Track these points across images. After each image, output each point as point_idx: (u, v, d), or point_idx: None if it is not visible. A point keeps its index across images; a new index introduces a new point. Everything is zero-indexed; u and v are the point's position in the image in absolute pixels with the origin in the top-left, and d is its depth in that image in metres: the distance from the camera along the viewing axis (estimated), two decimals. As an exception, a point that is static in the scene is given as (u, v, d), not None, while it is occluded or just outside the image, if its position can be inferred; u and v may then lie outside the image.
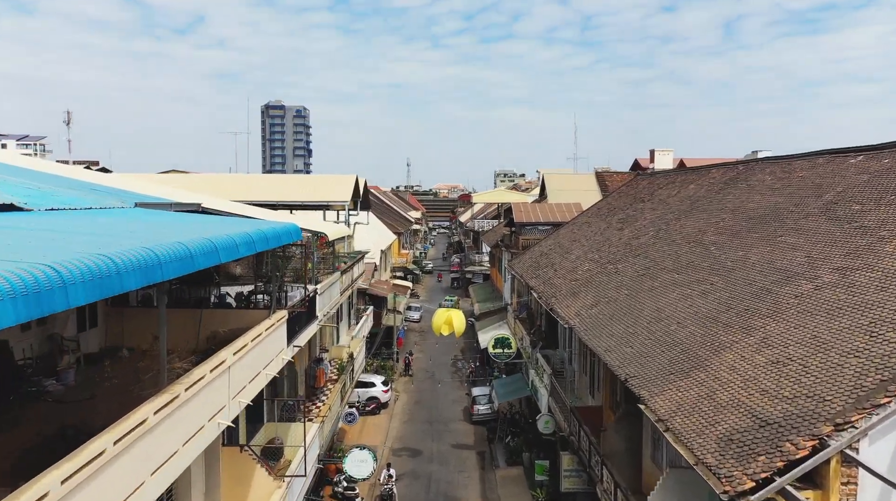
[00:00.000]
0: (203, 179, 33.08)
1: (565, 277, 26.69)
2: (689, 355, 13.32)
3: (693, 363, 12.89)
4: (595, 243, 29.07)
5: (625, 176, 59.10)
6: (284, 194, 30.87)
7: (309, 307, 18.27)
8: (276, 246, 12.99)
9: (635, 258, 22.89)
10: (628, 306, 18.60)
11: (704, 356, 12.91)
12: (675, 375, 12.88)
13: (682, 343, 14.07)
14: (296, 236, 14.35)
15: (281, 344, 14.85)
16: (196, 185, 31.84)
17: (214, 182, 32.20)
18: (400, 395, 39.96)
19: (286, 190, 31.32)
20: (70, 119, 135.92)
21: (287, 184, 32.03)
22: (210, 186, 31.73)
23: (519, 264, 36.42)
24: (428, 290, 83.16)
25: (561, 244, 33.95)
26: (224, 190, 31.26)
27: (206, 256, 8.57)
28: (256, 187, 31.54)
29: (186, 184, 31.73)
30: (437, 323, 26.92)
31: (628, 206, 32.35)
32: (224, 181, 32.39)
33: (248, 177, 33.04)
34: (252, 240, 10.81)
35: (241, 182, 32.32)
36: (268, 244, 12.06)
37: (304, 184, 32.18)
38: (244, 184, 32.01)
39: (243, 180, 32.68)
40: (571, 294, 23.43)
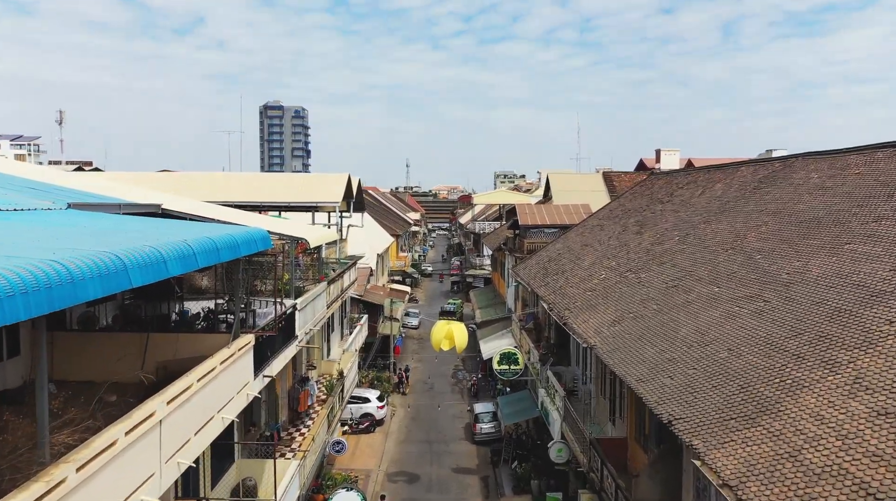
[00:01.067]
0: (187, 178, 30.42)
1: (579, 286, 24.01)
2: (752, 393, 10.64)
3: (759, 406, 10.20)
4: (610, 249, 26.39)
5: (633, 176, 56.47)
6: (271, 195, 28.17)
7: (286, 326, 15.60)
8: (233, 257, 10.30)
9: (661, 267, 20.21)
10: (659, 325, 15.92)
11: (774, 396, 10.23)
12: (736, 420, 10.19)
13: (739, 376, 11.38)
14: (262, 243, 11.66)
15: (245, 376, 12.16)
16: (178, 184, 29.17)
17: (198, 182, 29.52)
18: (396, 410, 37.23)
19: (273, 190, 28.62)
20: (62, 119, 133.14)
21: (274, 184, 29.35)
22: (193, 185, 29.05)
23: (525, 271, 33.75)
24: (427, 294, 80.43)
25: (571, 249, 31.27)
26: (206, 190, 28.58)
27: (97, 280, 5.87)
28: (241, 187, 28.86)
29: (169, 183, 29.08)
30: (437, 338, 24.25)
31: (645, 207, 29.68)
32: (208, 181, 29.71)
33: (234, 176, 30.39)
34: (188, 253, 8.12)
35: (226, 181, 29.65)
36: (218, 256, 9.36)
37: (292, 184, 29.50)
38: (229, 183, 29.33)
39: (228, 179, 30.02)
40: (588, 307, 20.75)
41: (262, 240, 11.51)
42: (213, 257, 9.22)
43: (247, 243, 10.66)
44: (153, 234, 9.16)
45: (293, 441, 20.38)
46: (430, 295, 79.25)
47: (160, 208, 15.86)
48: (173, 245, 7.90)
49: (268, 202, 28.15)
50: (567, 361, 26.27)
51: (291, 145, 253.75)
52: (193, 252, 8.36)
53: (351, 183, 31.21)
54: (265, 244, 11.72)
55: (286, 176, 30.09)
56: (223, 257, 9.50)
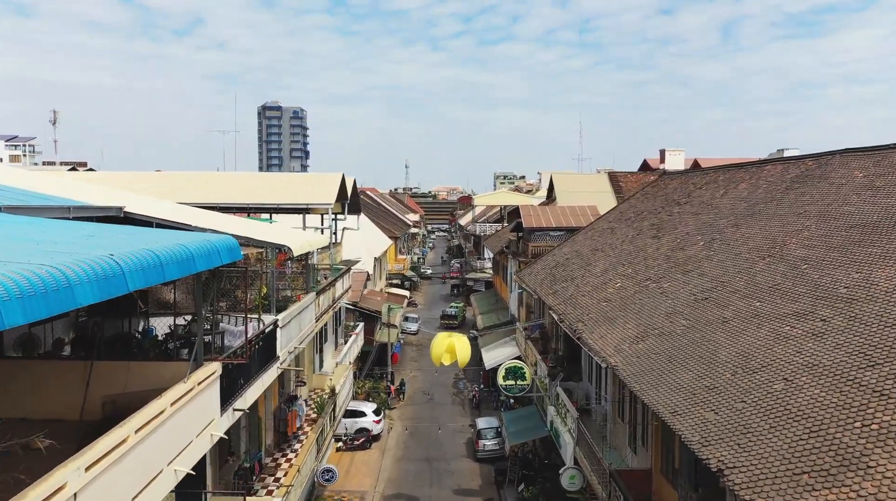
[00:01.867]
0: (173, 179, 28.45)
1: (592, 295, 22.03)
2: (827, 440, 8.65)
3: (841, 458, 8.22)
4: (625, 254, 24.41)
5: (640, 177, 54.55)
6: (259, 196, 26.22)
7: (266, 346, 13.61)
8: (185, 274, 8.32)
9: (685, 276, 18.23)
10: (692, 344, 13.93)
11: (858, 446, 8.25)
12: (811, 475, 8.21)
13: (805, 416, 9.39)
14: (228, 255, 9.68)
15: (208, 414, 10.17)
16: (163, 184, 27.23)
17: (184, 182, 27.57)
18: (394, 424, 35.23)
19: (262, 191, 26.66)
20: (56, 119, 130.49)
21: (264, 184, 27.39)
22: (178, 186, 27.09)
23: (530, 276, 31.77)
24: (427, 298, 78.43)
25: (580, 254, 29.29)
26: (192, 190, 26.63)
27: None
28: (229, 188, 26.90)
29: (154, 184, 27.15)
30: (437, 352, 22.26)
31: (660, 209, 27.70)
32: (194, 181, 27.76)
33: (222, 176, 28.43)
34: (111, 273, 6.13)
35: (213, 182, 27.67)
36: (163, 274, 7.38)
37: (283, 184, 27.53)
38: (216, 184, 27.36)
39: (215, 180, 28.05)
40: (605, 320, 18.76)
41: (227, 251, 9.52)
42: (155, 276, 7.24)
43: (206, 256, 8.68)
44: (73, 244, 7.18)
45: (278, 468, 18.37)
46: (430, 299, 77.28)
47: (122, 211, 13.88)
48: (88, 262, 5.91)
49: (256, 204, 26.20)
50: (578, 376, 24.28)
51: (290, 146, 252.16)
52: (121, 271, 6.37)
53: (345, 183, 29.24)
54: (231, 256, 9.73)
55: (276, 176, 28.12)
56: (170, 274, 7.51)
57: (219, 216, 16.26)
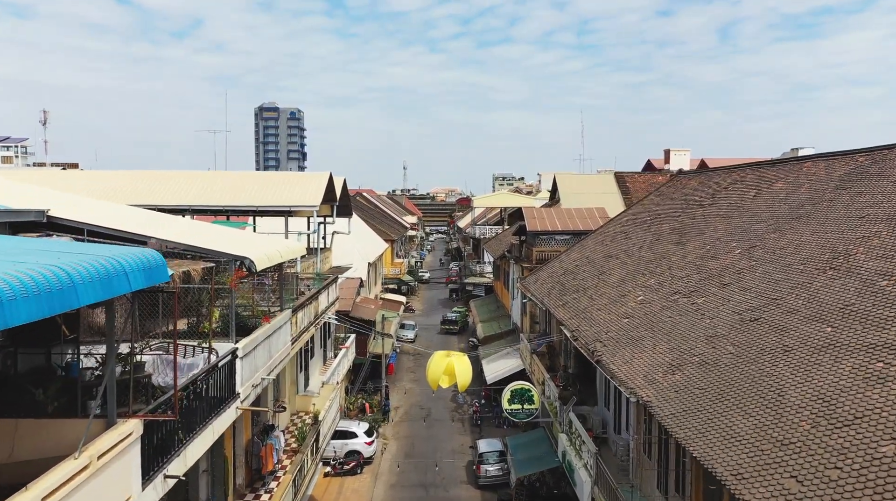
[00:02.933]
0: (144, 178, 25.81)
1: (609, 310, 19.43)
2: None
3: None
4: (644, 262, 21.82)
5: (648, 177, 52.03)
6: (237, 197, 23.62)
7: (221, 382, 10.97)
8: (70, 307, 5.71)
9: (724, 290, 15.62)
10: (746, 380, 11.33)
11: None
12: None
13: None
14: (146, 277, 7.06)
15: (121, 492, 7.54)
16: (132, 184, 24.63)
17: (156, 181, 24.98)
18: (388, 444, 32.59)
19: (240, 191, 24.05)
20: (46, 119, 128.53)
21: (242, 184, 24.76)
22: (148, 185, 24.51)
23: (536, 285, 29.19)
24: (425, 303, 75.73)
25: (591, 261, 26.70)
26: (162, 191, 24.05)
27: None
28: (204, 188, 24.29)
29: (125, 183, 24.58)
30: (434, 373, 19.62)
31: (680, 211, 25.13)
32: (167, 181, 25.15)
33: (199, 175, 25.77)
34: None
35: (188, 182, 25.04)
36: (3, 319, 4.75)
37: (263, 184, 24.91)
38: (191, 184, 24.73)
39: (191, 179, 25.41)
40: (629, 341, 16.14)
41: (141, 272, 6.91)
42: (29, 310, 4.63)
43: (99, 283, 6.06)
44: None
45: (249, 513, 15.76)
46: (428, 304, 74.59)
47: (44, 215, 11.27)
48: None
49: (233, 206, 23.60)
50: (593, 398, 21.69)
51: (287, 147, 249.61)
52: None
53: (333, 184, 26.64)
54: (149, 278, 7.12)
55: (258, 175, 25.55)
56: (16, 315, 4.89)
57: (171, 221, 13.64)
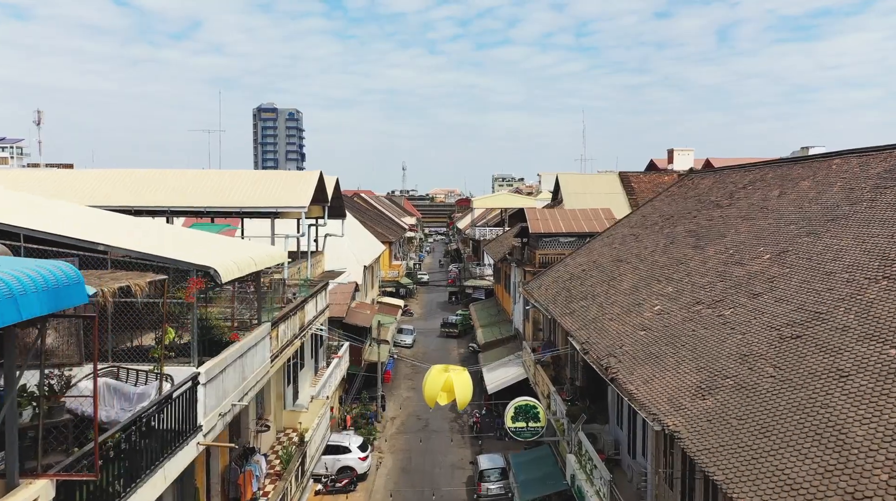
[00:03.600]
0: (119, 177, 24.11)
1: (623, 320, 17.75)
2: None
3: None
4: (659, 268, 20.15)
5: (653, 177, 50.40)
6: (217, 198, 21.96)
7: (177, 413, 9.29)
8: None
9: (754, 300, 13.95)
10: (795, 410, 9.65)
11: None
12: None
13: None
14: (52, 300, 5.34)
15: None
16: (106, 184, 22.98)
17: (132, 181, 23.31)
18: (384, 458, 30.91)
19: (223, 192, 22.39)
20: (40, 120, 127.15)
21: (227, 183, 23.10)
22: (122, 185, 22.86)
23: (539, 290, 27.52)
24: (424, 306, 74.07)
25: (599, 265, 25.03)
26: (138, 191, 22.41)
27: None
28: (184, 188, 22.64)
29: (100, 182, 22.93)
30: (431, 390, 17.91)
31: (694, 212, 23.48)
32: (145, 180, 23.48)
33: (180, 174, 24.10)
34: None
35: (167, 181, 23.37)
36: None
37: (249, 183, 23.24)
38: (172, 183, 23.08)
39: (170, 178, 23.74)
40: (647, 358, 14.46)
41: (46, 294, 5.23)
42: None
43: None
44: None
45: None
46: (427, 308, 72.92)
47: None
48: None
49: (215, 207, 21.93)
50: (603, 415, 20.01)
51: (285, 148, 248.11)
52: None
53: (324, 184, 24.98)
54: (57, 301, 5.44)
55: (243, 174, 23.89)
56: None
57: (132, 225, 11.95)
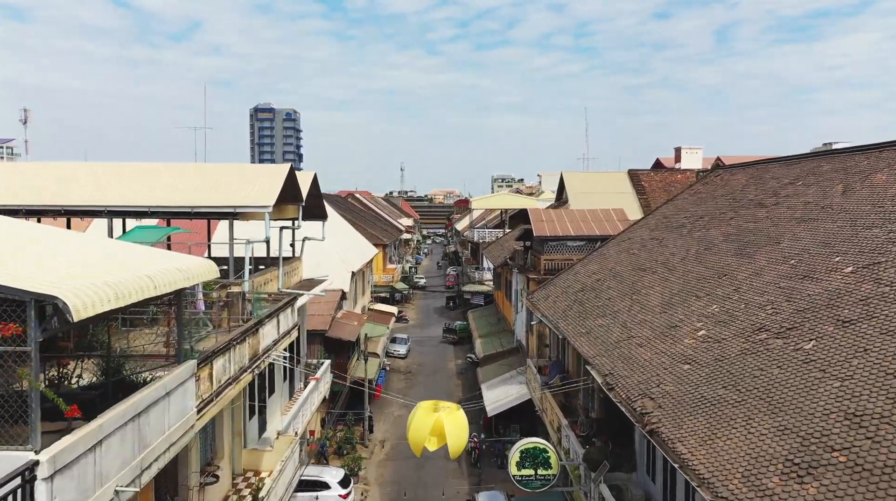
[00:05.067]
0: (56, 171, 20.46)
1: (657, 347, 14.17)
2: None
3: None
4: (696, 280, 16.57)
5: (665, 176, 46.90)
6: (167, 196, 18.39)
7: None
8: None
9: (846, 329, 10.37)
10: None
11: None
12: None
13: None
14: None
15: None
16: (45, 178, 19.38)
17: (71, 176, 19.72)
18: (370, 490, 27.32)
19: (173, 189, 18.83)
20: (27, 118, 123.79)
21: (177, 179, 19.53)
22: (63, 180, 19.26)
23: (547, 302, 23.95)
24: (420, 311, 70.43)
25: (617, 274, 21.47)
26: (76, 188, 18.82)
27: None
28: (127, 185, 19.07)
29: (28, 178, 19.35)
30: (417, 433, 14.24)
31: (730, 213, 19.94)
32: (84, 175, 19.87)
33: (123, 169, 20.48)
34: None
35: (107, 177, 19.74)
36: None
37: (204, 179, 19.67)
38: (111, 178, 19.48)
39: (111, 174, 20.09)
40: (701, 405, 10.86)
41: None
42: None
43: None
44: None
45: None
46: (423, 314, 69.28)
47: None
48: None
49: (159, 206, 18.34)
50: (629, 461, 16.40)
51: (283, 149, 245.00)
52: None
53: (296, 180, 21.42)
54: None
55: (198, 168, 20.41)
56: None
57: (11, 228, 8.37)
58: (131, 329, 14.30)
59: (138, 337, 14.08)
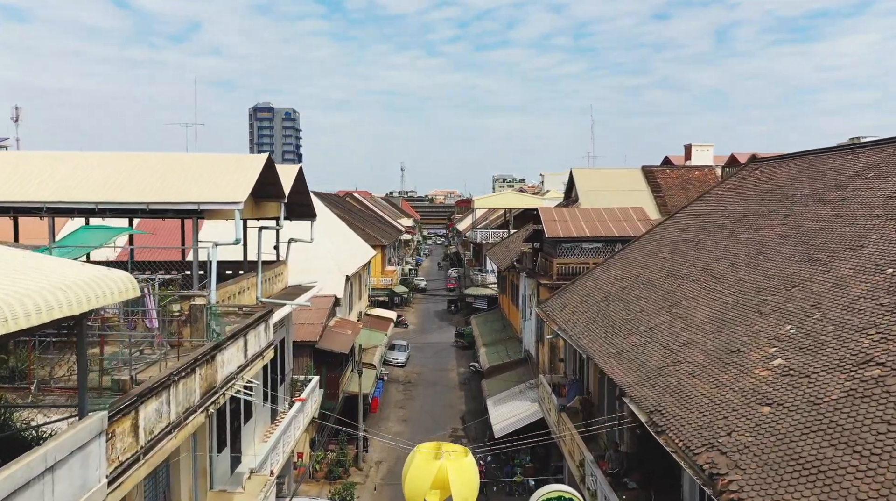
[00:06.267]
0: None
1: (718, 379, 11.23)
2: None
3: None
4: (753, 290, 13.63)
5: (683, 172, 44.00)
6: (120, 191, 15.49)
7: None
8: None
9: None
10: None
11: None
12: None
13: None
14: None
15: None
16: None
17: (13, 167, 16.78)
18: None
19: (129, 182, 15.92)
20: (18, 116, 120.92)
21: (128, 170, 16.60)
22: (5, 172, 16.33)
23: (563, 313, 21.05)
24: (420, 315, 67.40)
25: (647, 281, 18.55)
26: (16, 180, 15.91)
27: None
28: (78, 177, 16.16)
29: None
30: (416, 486, 11.27)
31: (783, 210, 17.00)
32: (27, 166, 16.92)
33: (73, 158, 17.52)
34: None
35: (56, 168, 16.80)
36: None
37: (158, 171, 16.71)
38: (59, 171, 16.55)
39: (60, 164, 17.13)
40: (799, 468, 7.93)
41: None
42: None
43: None
44: None
45: None
46: (424, 318, 66.24)
47: None
48: None
49: (110, 203, 15.43)
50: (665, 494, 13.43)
51: (282, 148, 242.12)
52: None
53: (276, 173, 18.52)
54: None
55: (151, 159, 17.25)
56: None
57: None
58: (56, 355, 11.42)
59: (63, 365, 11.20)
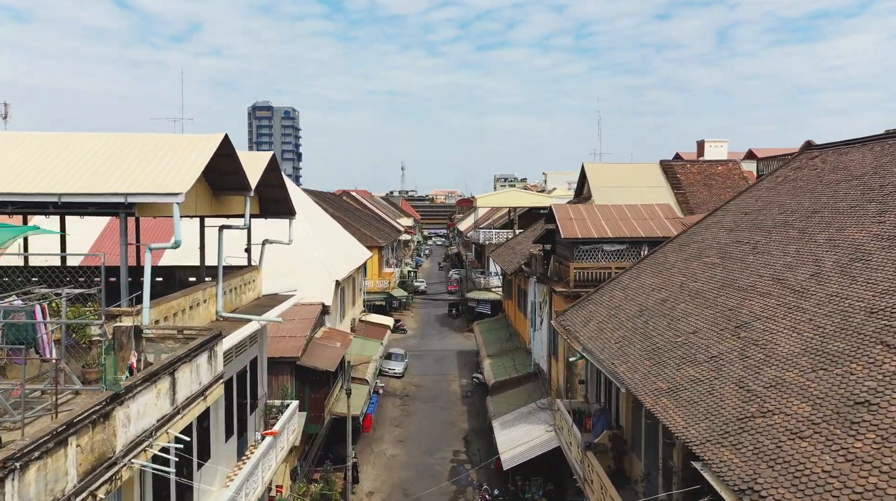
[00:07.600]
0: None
1: (841, 442, 7.70)
2: None
3: None
4: (864, 312, 10.09)
5: (705, 166, 40.39)
6: (27, 180, 12.02)
7: None
8: None
9: None
10: None
11: None
12: None
13: None
14: None
15: None
16: None
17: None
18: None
19: (32, 169, 12.44)
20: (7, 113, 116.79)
21: (41, 153, 13.06)
22: None
23: (588, 329, 17.51)
24: (420, 320, 63.78)
25: (695, 293, 15.00)
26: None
27: None
28: None
29: None
30: None
31: (875, 205, 13.49)
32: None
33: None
34: None
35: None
36: None
37: (82, 155, 13.20)
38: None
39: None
40: None
41: None
42: None
43: None
44: None
45: None
46: (423, 322, 62.63)
47: None
48: None
49: (12, 194, 11.92)
50: None
51: (281, 147, 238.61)
52: None
53: (237, 160, 15.01)
54: None
55: (73, 140, 13.59)
56: None
57: None
58: None
59: None
